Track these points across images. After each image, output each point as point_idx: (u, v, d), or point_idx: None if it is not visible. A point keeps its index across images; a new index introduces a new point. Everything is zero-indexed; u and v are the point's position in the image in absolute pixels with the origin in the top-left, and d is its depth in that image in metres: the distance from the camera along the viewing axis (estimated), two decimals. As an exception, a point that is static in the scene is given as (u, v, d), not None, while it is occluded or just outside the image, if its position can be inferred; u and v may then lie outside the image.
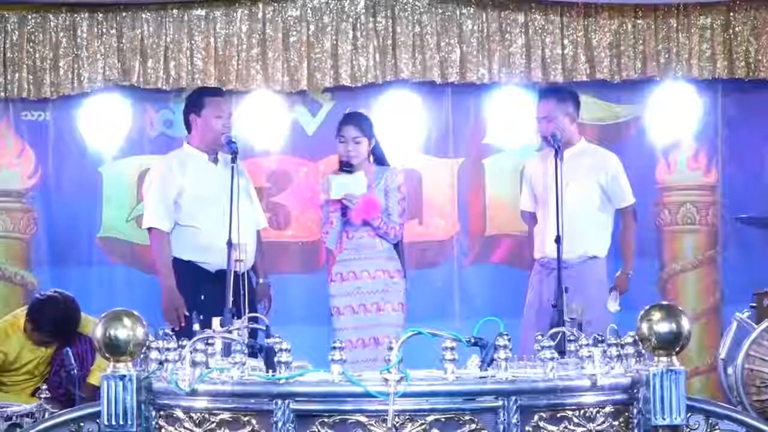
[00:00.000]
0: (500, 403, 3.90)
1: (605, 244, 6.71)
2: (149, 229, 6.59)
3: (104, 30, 7.48)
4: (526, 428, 3.93)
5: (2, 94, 7.49)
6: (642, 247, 7.63)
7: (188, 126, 6.66)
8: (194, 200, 6.51)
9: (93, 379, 6.47)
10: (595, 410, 4.03)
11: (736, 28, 7.57)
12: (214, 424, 3.96)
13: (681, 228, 7.87)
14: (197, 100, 6.65)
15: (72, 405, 5.24)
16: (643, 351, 4.14)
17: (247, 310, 5.84)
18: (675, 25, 7.58)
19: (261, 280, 6.71)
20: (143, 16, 7.49)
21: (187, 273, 6.49)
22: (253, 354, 4.30)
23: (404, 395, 3.84)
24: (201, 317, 4.94)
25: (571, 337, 4.58)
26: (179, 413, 4.02)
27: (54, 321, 6.59)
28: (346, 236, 6.56)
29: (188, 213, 6.51)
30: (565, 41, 7.55)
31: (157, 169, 6.71)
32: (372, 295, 6.49)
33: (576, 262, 6.54)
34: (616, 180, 6.70)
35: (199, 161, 6.59)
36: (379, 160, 6.69)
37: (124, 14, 7.48)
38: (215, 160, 6.62)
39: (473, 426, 3.89)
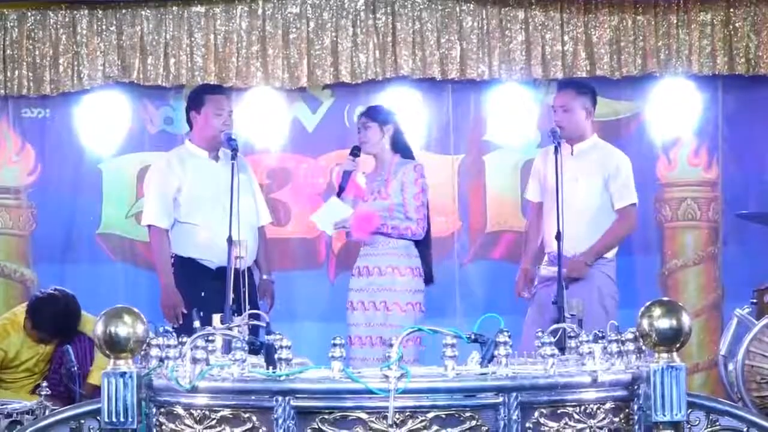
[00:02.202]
0: (501, 399, 3.90)
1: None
2: (149, 226, 6.60)
3: (104, 27, 7.48)
4: (527, 425, 3.93)
5: (2, 91, 7.49)
6: (643, 243, 7.64)
7: (190, 123, 6.68)
8: (194, 197, 6.52)
9: (93, 379, 6.47)
10: (595, 406, 4.02)
11: (736, 24, 7.56)
12: (215, 421, 3.96)
13: (682, 224, 7.86)
14: (198, 97, 6.66)
15: (72, 402, 5.24)
16: (643, 347, 4.13)
17: (247, 307, 5.85)
18: (675, 21, 7.57)
19: (264, 277, 6.71)
20: (143, 13, 7.48)
21: (188, 270, 6.50)
22: (253, 351, 4.30)
23: (404, 392, 3.84)
24: (201, 314, 4.93)
25: (572, 334, 4.58)
26: (180, 410, 4.02)
27: (54, 319, 6.60)
28: None
29: (188, 210, 6.52)
30: (565, 37, 7.54)
31: (157, 166, 6.73)
32: (380, 292, 6.48)
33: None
34: (618, 177, 6.63)
35: (199, 159, 6.60)
36: (403, 152, 6.69)
37: (123, 11, 7.48)
38: (216, 158, 6.63)
39: (474, 422, 3.89)
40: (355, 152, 6.65)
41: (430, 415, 3.87)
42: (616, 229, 6.64)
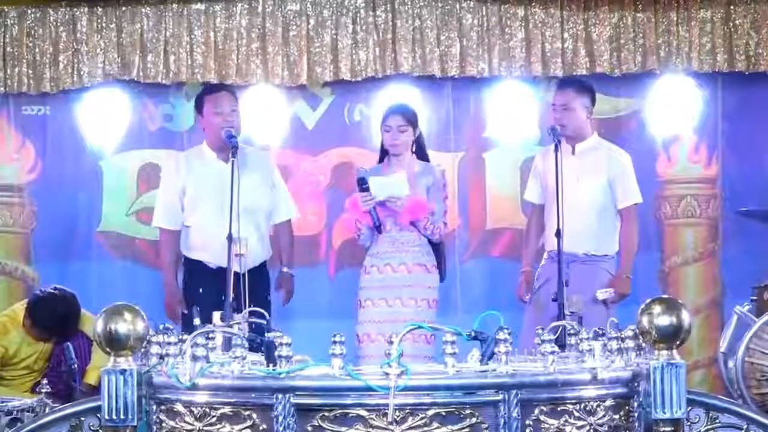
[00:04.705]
0: (501, 396, 3.90)
1: (615, 240, 6.68)
2: (159, 229, 6.65)
3: (104, 24, 7.48)
4: (527, 422, 3.93)
5: (2, 88, 7.49)
6: (643, 240, 7.63)
7: (202, 127, 6.71)
8: (197, 199, 6.51)
9: (89, 378, 6.46)
10: (595, 404, 4.02)
11: (737, 22, 7.56)
12: (215, 419, 3.96)
13: (682, 221, 7.86)
14: (199, 99, 6.67)
15: (72, 400, 5.24)
16: (643, 344, 4.13)
17: (247, 305, 5.83)
18: (675, 19, 7.57)
19: (284, 270, 6.67)
20: (143, 10, 7.48)
21: (189, 270, 6.51)
22: (252, 349, 4.30)
23: (405, 389, 3.83)
24: (198, 309, 4.92)
25: (572, 331, 4.58)
26: (180, 407, 4.02)
27: (53, 318, 6.59)
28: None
29: (191, 212, 6.52)
30: (565, 35, 7.54)
31: (167, 167, 6.78)
32: (402, 289, 6.46)
33: (584, 258, 6.52)
34: (623, 178, 6.65)
35: (206, 160, 6.58)
36: (420, 153, 6.66)
37: (123, 9, 7.48)
38: (226, 159, 6.55)
39: (474, 420, 3.88)
40: (365, 185, 6.42)
41: (430, 412, 3.87)
42: (629, 233, 6.68)
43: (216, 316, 4.80)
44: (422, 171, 6.54)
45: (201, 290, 6.34)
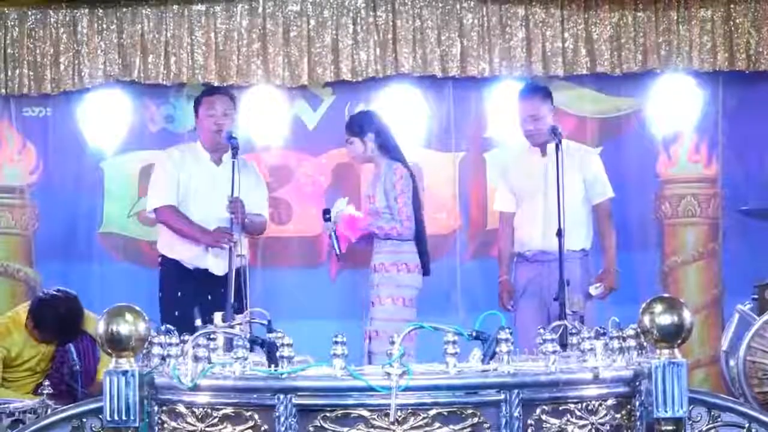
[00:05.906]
0: (502, 396, 3.89)
1: (590, 237, 6.74)
2: (155, 212, 6.57)
3: (105, 26, 7.49)
4: (528, 421, 3.93)
5: (3, 90, 7.50)
6: (643, 240, 7.65)
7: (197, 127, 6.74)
8: (186, 197, 6.51)
9: (101, 376, 6.46)
10: (597, 403, 4.02)
11: (737, 20, 7.56)
12: (217, 419, 3.96)
13: (682, 221, 7.86)
14: (198, 99, 6.72)
15: (74, 401, 5.24)
16: (645, 343, 4.13)
17: (248, 306, 5.84)
18: (675, 18, 7.57)
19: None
20: (143, 11, 7.49)
21: (168, 270, 6.50)
22: (250, 349, 4.30)
23: (406, 389, 3.83)
24: (200, 309, 4.92)
25: (573, 330, 4.59)
26: (182, 408, 4.02)
27: (56, 321, 6.59)
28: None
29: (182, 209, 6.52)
30: (566, 34, 7.54)
31: (160, 161, 6.77)
32: (379, 288, 6.50)
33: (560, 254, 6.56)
34: (597, 175, 6.78)
35: (199, 160, 6.62)
36: (391, 152, 6.70)
37: (124, 10, 7.49)
38: (218, 161, 6.60)
39: (475, 420, 3.88)
40: (327, 216, 6.67)
41: (432, 412, 3.86)
42: (608, 228, 6.79)
43: (217, 316, 4.80)
44: (382, 173, 6.62)
45: (179, 293, 6.33)
